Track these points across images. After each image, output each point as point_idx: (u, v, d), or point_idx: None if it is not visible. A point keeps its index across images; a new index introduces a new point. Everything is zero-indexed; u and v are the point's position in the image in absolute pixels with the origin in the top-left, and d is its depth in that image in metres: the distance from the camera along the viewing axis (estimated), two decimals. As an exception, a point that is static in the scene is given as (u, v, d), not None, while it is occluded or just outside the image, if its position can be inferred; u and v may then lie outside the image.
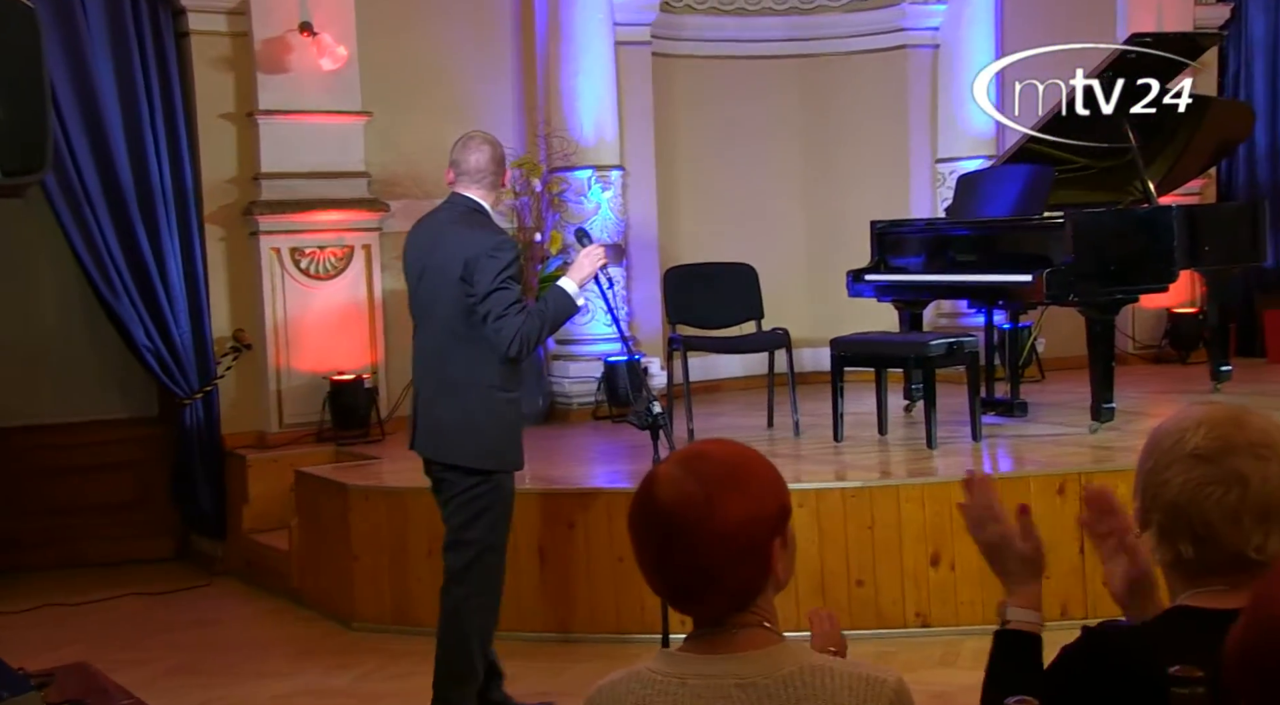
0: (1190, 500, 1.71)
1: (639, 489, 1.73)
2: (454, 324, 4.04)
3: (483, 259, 3.94)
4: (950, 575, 5.05)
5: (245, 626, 5.85)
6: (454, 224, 4.11)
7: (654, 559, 1.70)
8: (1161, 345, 8.71)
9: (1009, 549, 1.94)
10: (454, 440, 4.08)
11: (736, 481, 1.69)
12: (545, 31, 7.47)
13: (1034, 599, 1.92)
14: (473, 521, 4.11)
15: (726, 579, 1.68)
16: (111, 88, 6.38)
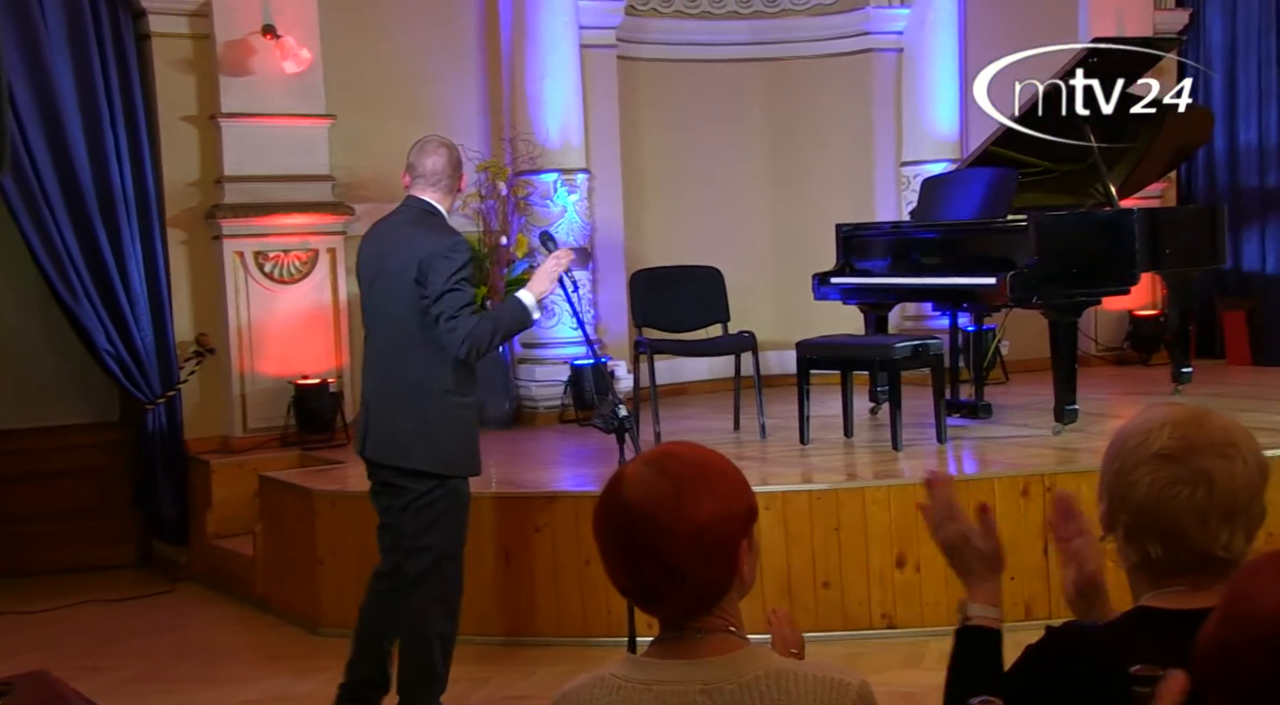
0: (1158, 501, 1.73)
1: (606, 488, 1.73)
2: (408, 327, 4.03)
3: (436, 260, 3.95)
4: (916, 576, 5.07)
5: (209, 633, 5.80)
6: (409, 227, 4.10)
7: (622, 558, 1.70)
8: (1123, 347, 8.80)
9: (969, 547, 1.95)
10: (410, 445, 4.06)
11: (706, 481, 1.69)
12: (510, 35, 7.45)
13: (994, 596, 1.93)
14: (429, 528, 4.09)
15: (694, 578, 1.68)
16: (71, 90, 6.32)
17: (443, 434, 4.06)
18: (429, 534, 4.09)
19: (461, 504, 4.17)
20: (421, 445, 4.04)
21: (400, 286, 4.02)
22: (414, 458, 4.05)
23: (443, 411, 4.05)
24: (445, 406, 4.05)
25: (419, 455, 4.05)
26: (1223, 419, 1.79)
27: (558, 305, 7.27)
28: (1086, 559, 2.02)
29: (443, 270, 3.94)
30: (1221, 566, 1.73)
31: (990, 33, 8.14)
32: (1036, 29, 8.08)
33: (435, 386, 4.03)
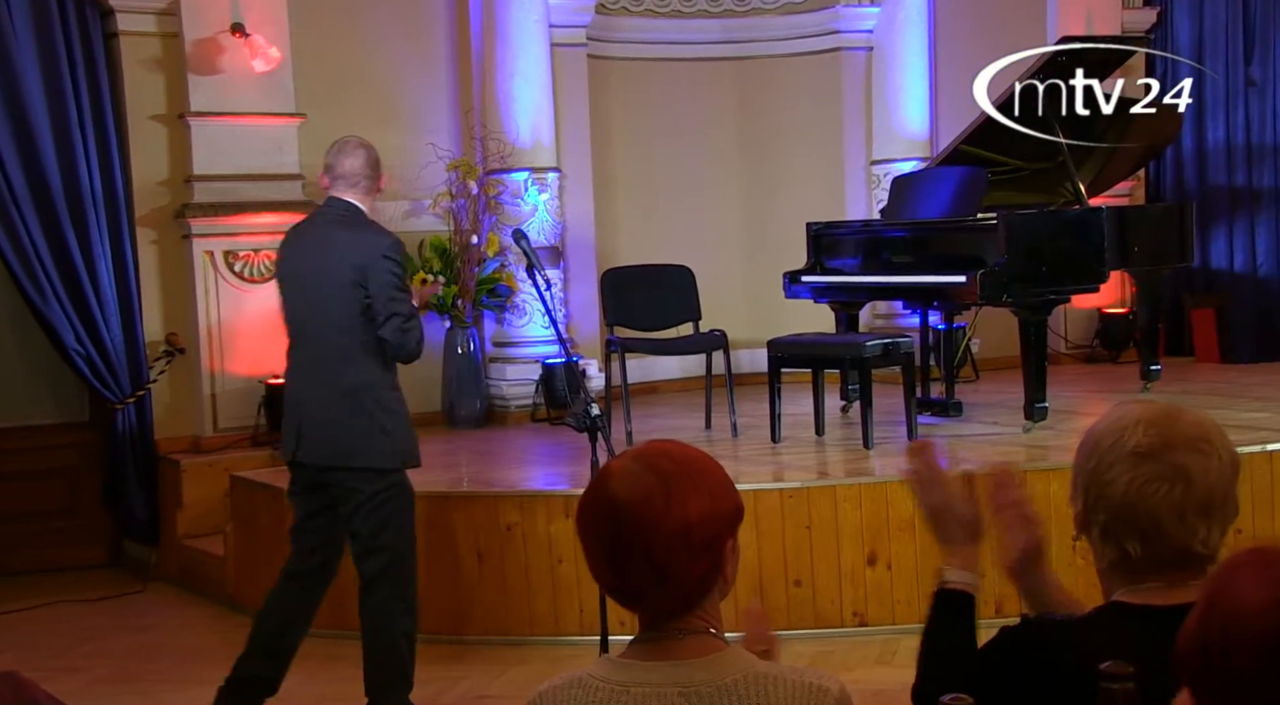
0: (1137, 498, 1.74)
1: (592, 483, 1.73)
2: (349, 330, 4.02)
3: (381, 262, 3.97)
4: (887, 574, 5.09)
5: (180, 633, 5.77)
6: (336, 229, 4.08)
7: (608, 554, 1.68)
8: (1093, 345, 8.86)
9: (950, 514, 1.98)
10: (361, 444, 4.05)
11: (696, 479, 1.69)
12: (481, 33, 7.43)
13: (971, 560, 1.96)
14: (384, 526, 4.11)
15: (680, 576, 1.67)
16: (38, 88, 6.27)
17: (393, 429, 4.09)
18: (385, 533, 4.10)
19: (410, 498, 4.20)
20: (374, 442, 4.05)
21: (336, 290, 4.00)
22: (370, 456, 4.06)
23: (387, 407, 4.09)
24: (388, 402, 4.10)
25: (374, 453, 4.06)
26: (1195, 415, 1.80)
27: (529, 304, 7.26)
28: (1024, 526, 2.04)
29: (389, 271, 3.97)
30: (1199, 562, 1.74)
31: (959, 31, 8.19)
32: (1005, 28, 8.15)
33: (379, 385, 4.08)
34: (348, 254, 4.00)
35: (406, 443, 4.16)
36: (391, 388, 4.14)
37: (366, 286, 3.97)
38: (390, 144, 7.26)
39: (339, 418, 4.08)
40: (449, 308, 7.15)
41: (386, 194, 7.22)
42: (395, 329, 3.99)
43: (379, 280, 3.97)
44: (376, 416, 4.07)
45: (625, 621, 5.09)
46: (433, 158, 7.22)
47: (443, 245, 7.21)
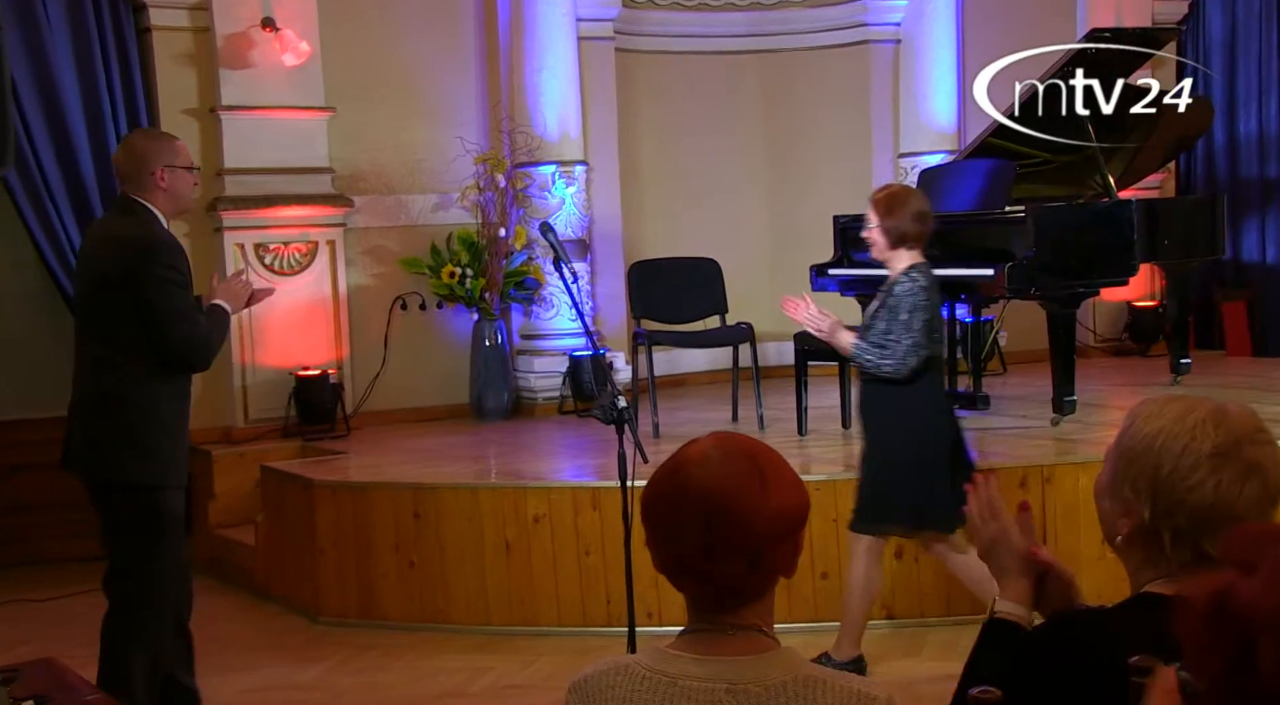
0: (1224, 499, 1.71)
1: (671, 471, 1.71)
2: (118, 333, 3.74)
3: (149, 266, 3.69)
4: (914, 567, 5.10)
5: (211, 621, 5.80)
6: (116, 227, 3.85)
7: (702, 542, 1.66)
8: (1122, 338, 8.82)
9: (1005, 546, 1.96)
10: (128, 457, 3.75)
11: (780, 468, 1.71)
12: (508, 27, 7.46)
13: (1024, 594, 1.93)
14: (149, 545, 3.79)
15: (771, 561, 1.68)
16: (73, 84, 6.35)
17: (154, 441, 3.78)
18: (138, 552, 3.80)
19: (176, 517, 3.84)
20: (128, 453, 3.75)
21: (110, 289, 3.74)
22: (122, 468, 3.76)
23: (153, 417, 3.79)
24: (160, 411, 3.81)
25: (126, 465, 3.75)
26: (1237, 406, 1.79)
27: (557, 297, 7.30)
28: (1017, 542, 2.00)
29: (160, 275, 3.69)
30: None
31: (988, 23, 8.16)
32: (1035, 19, 8.12)
33: (151, 393, 3.78)
34: (122, 253, 3.75)
35: (165, 456, 3.84)
36: (176, 396, 3.89)
37: (140, 287, 3.72)
38: (419, 138, 7.35)
39: (102, 423, 3.83)
40: (477, 300, 7.19)
41: (415, 187, 7.37)
42: (183, 335, 3.77)
43: (150, 284, 3.72)
44: (135, 425, 3.79)
45: (652, 613, 5.15)
46: (461, 151, 7.25)
47: (470, 238, 7.25)
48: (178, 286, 3.72)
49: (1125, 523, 1.79)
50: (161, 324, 3.69)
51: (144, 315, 3.69)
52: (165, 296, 3.69)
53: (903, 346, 4.22)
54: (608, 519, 5.03)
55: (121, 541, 3.80)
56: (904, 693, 4.34)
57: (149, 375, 3.74)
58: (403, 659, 5.04)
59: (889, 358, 4.25)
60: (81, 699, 2.39)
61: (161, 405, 3.78)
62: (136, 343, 3.71)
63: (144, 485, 3.74)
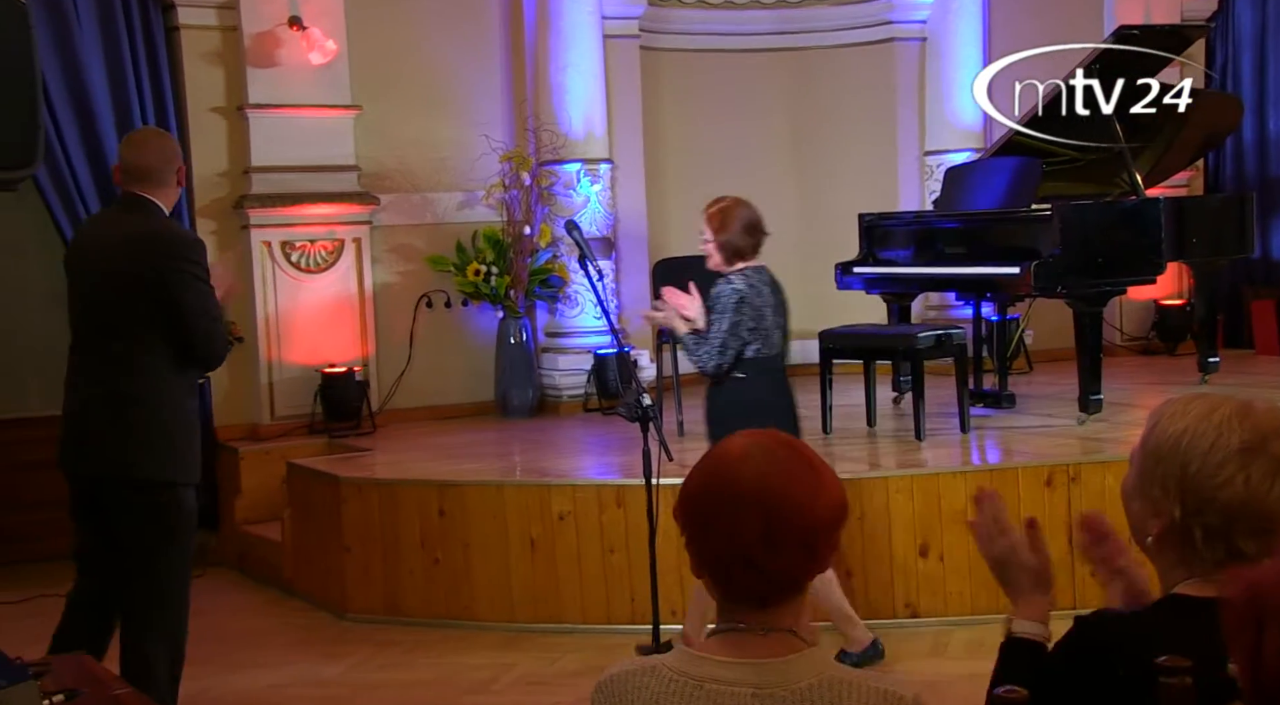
0: (1256, 494, 1.70)
1: (715, 469, 1.71)
2: (140, 331, 3.70)
3: (178, 262, 3.68)
4: (939, 566, 5.09)
5: (238, 617, 5.87)
6: (132, 225, 3.77)
7: (762, 536, 1.65)
8: (1149, 337, 8.77)
9: (1016, 563, 1.93)
10: (153, 454, 3.71)
11: (824, 465, 1.73)
12: (534, 25, 7.48)
13: (1040, 611, 1.90)
14: (168, 544, 3.75)
15: (825, 553, 1.69)
16: (103, 82, 6.39)
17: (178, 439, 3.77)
18: (166, 550, 3.75)
19: (193, 516, 3.83)
20: (159, 451, 3.72)
21: (132, 288, 3.69)
22: (152, 467, 3.72)
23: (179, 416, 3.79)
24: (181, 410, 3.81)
25: (157, 463, 3.72)
26: (1262, 402, 1.78)
27: (582, 294, 7.31)
28: (1134, 578, 1.99)
29: (193, 273, 3.69)
30: None
31: (1015, 21, 8.12)
32: (1061, 16, 8.08)
33: (173, 390, 3.77)
34: (147, 253, 3.73)
35: (189, 454, 3.83)
36: (188, 394, 3.87)
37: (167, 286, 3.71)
38: (444, 135, 7.37)
39: (129, 421, 3.77)
40: (502, 298, 7.22)
41: (440, 185, 7.40)
42: (207, 336, 3.79)
43: (180, 281, 3.72)
44: (167, 424, 3.78)
45: (676, 611, 5.14)
46: (486, 149, 7.28)
47: (496, 236, 7.27)
48: (205, 284, 3.73)
49: (1155, 523, 1.78)
50: (189, 322, 3.68)
51: (171, 313, 3.67)
52: (195, 294, 3.68)
53: (711, 344, 4.37)
54: (632, 516, 5.04)
55: (138, 540, 3.73)
56: (929, 691, 4.28)
57: (172, 373, 3.73)
58: (428, 655, 5.06)
59: (699, 354, 4.41)
60: (110, 693, 2.41)
61: (183, 402, 3.79)
62: (161, 341, 3.70)
63: (168, 482, 3.73)
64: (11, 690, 1.83)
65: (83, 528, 3.89)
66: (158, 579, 3.76)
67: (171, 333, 3.70)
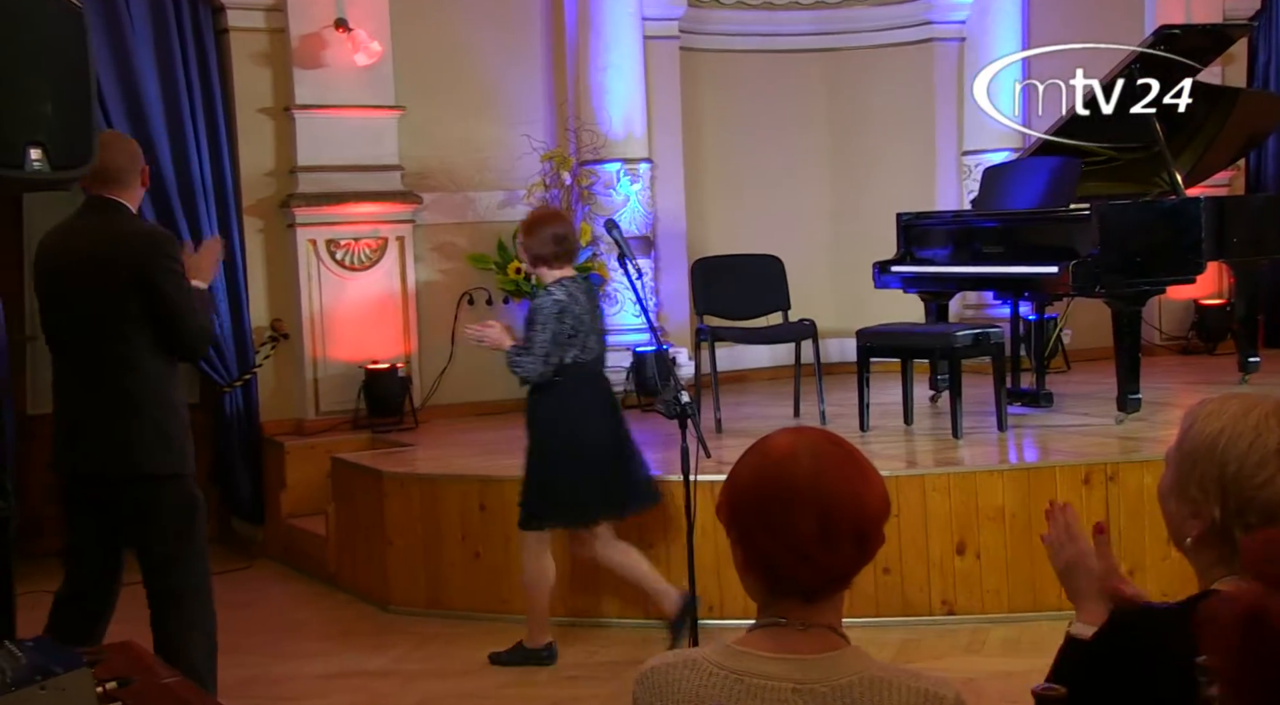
0: None
1: (764, 466, 1.72)
2: (130, 331, 3.72)
3: (162, 260, 3.71)
4: (976, 564, 5.10)
5: (284, 609, 5.97)
6: (107, 226, 3.76)
7: (818, 531, 1.66)
8: (1189, 336, 8.73)
9: (1083, 569, 1.97)
10: (156, 449, 3.75)
11: (866, 459, 1.75)
12: (575, 26, 7.54)
13: (1101, 617, 1.92)
14: (191, 530, 3.86)
15: (874, 546, 1.71)
16: (154, 83, 6.49)
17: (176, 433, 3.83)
18: (194, 538, 3.86)
19: (203, 503, 3.93)
20: (170, 445, 3.79)
21: (115, 290, 3.69)
22: (167, 461, 3.77)
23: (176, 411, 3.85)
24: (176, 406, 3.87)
25: (168, 458, 3.78)
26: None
27: (621, 293, 7.37)
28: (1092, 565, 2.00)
29: (174, 270, 3.72)
30: None
31: (1053, 21, 8.09)
32: (1101, 16, 8.05)
33: (167, 387, 3.83)
34: (127, 254, 3.75)
35: (188, 447, 3.89)
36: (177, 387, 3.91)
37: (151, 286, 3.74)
38: (486, 135, 7.45)
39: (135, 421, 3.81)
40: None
41: (482, 184, 7.48)
42: (195, 329, 3.81)
43: (165, 279, 3.74)
44: (166, 421, 3.82)
45: (714, 606, 5.18)
46: (527, 149, 7.35)
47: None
48: (184, 278, 3.76)
49: (1195, 524, 1.78)
50: (175, 316, 3.71)
51: (158, 309, 3.70)
52: (176, 289, 3.72)
53: (535, 354, 4.63)
54: (670, 513, 5.08)
55: (161, 535, 3.79)
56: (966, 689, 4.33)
57: (164, 368, 3.78)
58: (469, 648, 5.11)
59: (523, 364, 4.66)
60: (160, 681, 2.47)
61: (176, 396, 3.84)
62: (150, 338, 3.72)
63: (175, 474, 3.80)
64: (66, 677, 1.85)
65: (76, 527, 3.90)
66: (185, 569, 3.83)
67: (160, 329, 3.72)
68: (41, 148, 2.67)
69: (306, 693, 4.75)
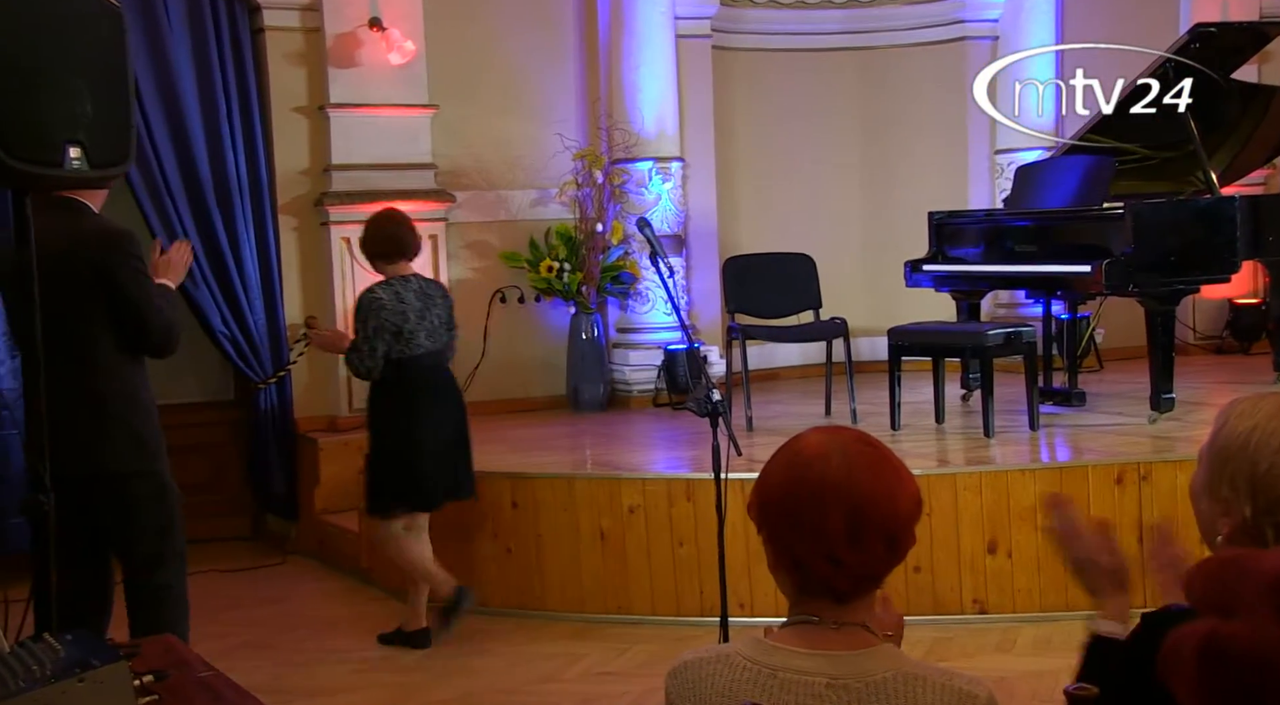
0: None
1: (796, 465, 1.73)
2: (96, 331, 3.69)
3: (121, 257, 3.67)
4: (1007, 563, 5.10)
5: (317, 604, 6.02)
6: (73, 226, 3.69)
7: (847, 530, 1.67)
8: (1223, 336, 8.67)
9: (1095, 566, 1.98)
10: (125, 449, 3.75)
11: (898, 459, 1.76)
12: (608, 25, 7.57)
13: (1120, 611, 1.94)
14: (172, 526, 3.86)
15: (903, 544, 1.72)
16: (191, 83, 6.56)
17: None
18: (174, 532, 3.87)
19: (178, 496, 3.91)
20: (143, 443, 3.79)
21: (80, 289, 3.66)
22: (145, 457, 3.79)
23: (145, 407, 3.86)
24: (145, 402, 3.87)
25: (146, 453, 3.79)
26: None
27: (652, 291, 7.39)
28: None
29: (136, 267, 3.70)
30: None
31: (1087, 19, 8.05)
32: (1136, 15, 8.00)
33: (136, 385, 3.83)
34: (90, 251, 3.71)
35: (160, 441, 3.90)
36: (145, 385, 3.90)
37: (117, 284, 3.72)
38: (518, 134, 7.49)
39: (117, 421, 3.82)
40: (574, 294, 7.32)
41: (514, 182, 7.52)
42: (162, 326, 3.80)
43: (127, 276, 3.73)
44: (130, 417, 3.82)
45: (744, 604, 5.20)
46: (560, 147, 7.38)
47: (568, 233, 7.37)
48: (147, 275, 3.74)
49: (1225, 522, 1.78)
50: (139, 313, 3.69)
51: (120, 307, 3.67)
52: (137, 286, 3.69)
53: (360, 350, 4.88)
54: (701, 510, 5.10)
55: (141, 533, 3.78)
56: (997, 688, 4.33)
57: (131, 367, 3.76)
58: (500, 643, 5.15)
59: (350, 360, 4.94)
60: (196, 675, 2.49)
61: (145, 396, 3.81)
62: (116, 336, 3.71)
63: (150, 471, 3.79)
64: (104, 670, 1.86)
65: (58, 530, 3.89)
66: (167, 568, 3.84)
67: (124, 327, 3.69)
68: (81, 147, 2.70)
69: (338, 687, 4.79)
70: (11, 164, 2.55)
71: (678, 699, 1.76)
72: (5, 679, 1.82)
